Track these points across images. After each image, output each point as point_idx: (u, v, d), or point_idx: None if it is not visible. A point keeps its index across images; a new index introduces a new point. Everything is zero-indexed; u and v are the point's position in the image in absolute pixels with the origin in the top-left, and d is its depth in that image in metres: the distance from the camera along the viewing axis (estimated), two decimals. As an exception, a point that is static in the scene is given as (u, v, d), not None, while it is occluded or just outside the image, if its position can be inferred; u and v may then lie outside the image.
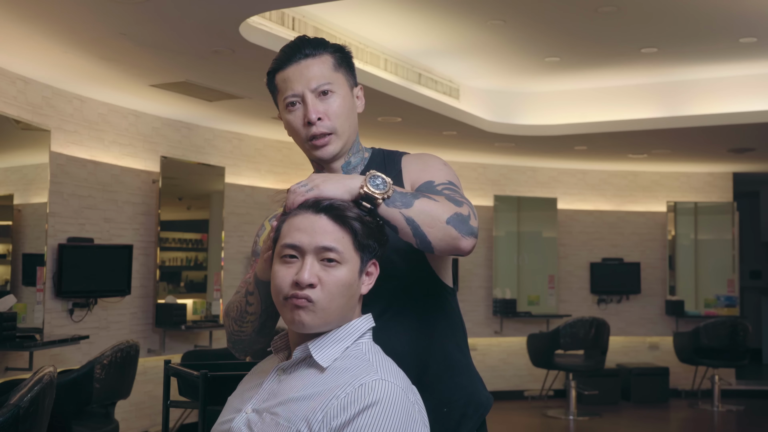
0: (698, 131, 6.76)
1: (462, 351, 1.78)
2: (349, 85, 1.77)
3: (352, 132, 1.77)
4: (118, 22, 4.06)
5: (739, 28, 5.21)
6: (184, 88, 5.35)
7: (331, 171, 1.77)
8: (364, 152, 1.82)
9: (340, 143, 1.74)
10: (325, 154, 1.74)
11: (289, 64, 1.77)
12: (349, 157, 1.78)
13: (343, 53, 1.78)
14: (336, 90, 1.73)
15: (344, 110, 1.74)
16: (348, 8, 4.84)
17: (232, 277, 6.86)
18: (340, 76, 1.75)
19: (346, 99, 1.75)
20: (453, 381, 1.73)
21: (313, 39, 1.78)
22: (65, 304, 5.39)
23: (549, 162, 8.57)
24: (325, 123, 1.72)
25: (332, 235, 1.37)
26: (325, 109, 1.72)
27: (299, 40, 1.78)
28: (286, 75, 1.77)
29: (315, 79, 1.73)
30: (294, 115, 1.75)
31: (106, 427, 4.48)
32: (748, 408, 8.07)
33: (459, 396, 1.72)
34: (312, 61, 1.75)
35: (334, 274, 1.36)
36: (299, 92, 1.73)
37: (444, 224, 1.50)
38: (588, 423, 7.29)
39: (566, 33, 5.32)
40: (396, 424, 1.28)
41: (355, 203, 1.45)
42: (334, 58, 1.76)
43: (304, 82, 1.73)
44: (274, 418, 1.35)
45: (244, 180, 7.00)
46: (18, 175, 5.15)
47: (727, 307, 8.73)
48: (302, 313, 1.36)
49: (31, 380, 3.20)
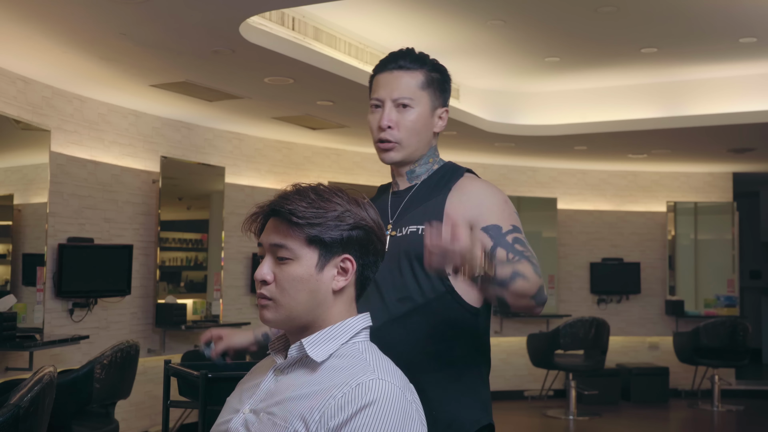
0: (698, 131, 6.76)
1: (468, 369, 1.84)
2: (431, 105, 1.91)
3: (420, 146, 1.91)
4: (118, 22, 4.06)
5: (739, 28, 5.21)
6: (184, 88, 5.35)
7: (399, 174, 1.96)
8: (435, 164, 1.96)
9: (402, 154, 1.91)
10: (386, 158, 1.93)
11: (384, 70, 1.93)
12: (414, 167, 1.94)
13: (441, 74, 1.93)
14: (415, 106, 1.88)
15: (416, 126, 1.89)
16: (348, 8, 4.84)
17: (232, 277, 6.86)
18: (425, 95, 1.90)
19: (421, 116, 1.89)
20: (449, 396, 1.80)
21: (415, 54, 1.94)
22: (65, 304, 5.39)
23: (549, 162, 8.57)
24: (393, 132, 1.89)
25: (281, 233, 1.40)
26: (398, 120, 1.89)
27: (401, 51, 1.95)
28: (378, 79, 1.93)
29: (398, 90, 1.89)
30: (373, 116, 1.93)
31: (106, 427, 4.48)
32: (748, 408, 8.07)
33: (445, 415, 1.78)
34: (403, 73, 1.90)
35: (286, 270, 1.40)
36: (382, 98, 1.90)
37: (529, 299, 1.67)
38: (588, 423, 7.29)
39: (566, 33, 5.32)
40: (394, 423, 1.29)
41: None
42: (426, 76, 1.91)
43: (388, 91, 1.90)
44: (271, 418, 1.35)
45: (244, 180, 7.01)
46: (18, 175, 5.15)
47: (727, 307, 8.73)
48: (264, 311, 1.42)
49: (31, 380, 3.20)
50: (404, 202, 1.92)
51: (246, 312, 6.92)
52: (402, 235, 1.86)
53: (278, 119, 6.37)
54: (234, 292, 6.87)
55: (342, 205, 1.42)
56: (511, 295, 1.65)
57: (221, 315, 6.58)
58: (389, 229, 1.89)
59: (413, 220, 1.86)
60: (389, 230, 1.89)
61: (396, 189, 1.98)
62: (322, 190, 1.43)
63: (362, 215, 1.43)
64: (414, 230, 1.84)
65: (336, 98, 5.66)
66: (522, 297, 1.66)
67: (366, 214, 1.44)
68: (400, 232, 1.87)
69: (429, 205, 1.86)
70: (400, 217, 1.90)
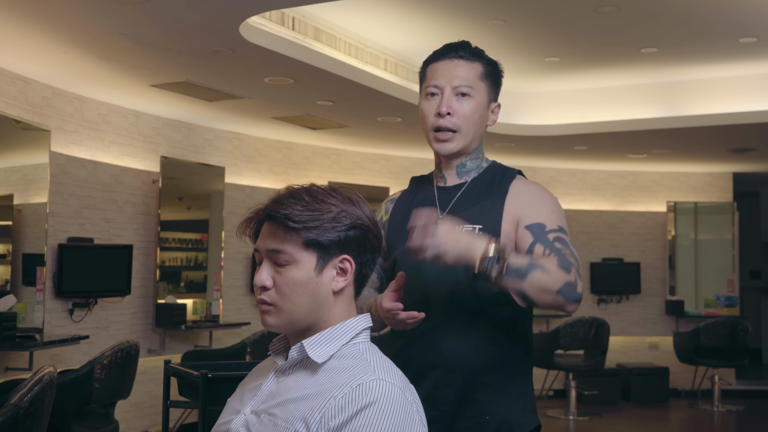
0: (698, 131, 6.76)
1: (519, 369, 1.84)
2: (488, 98, 1.92)
3: (475, 138, 1.91)
4: (118, 22, 4.06)
5: (739, 28, 5.21)
6: (184, 88, 5.35)
7: (449, 167, 1.92)
8: (483, 161, 1.95)
9: (461, 143, 1.89)
10: (444, 149, 1.89)
11: (442, 58, 1.92)
12: (465, 161, 1.92)
13: (495, 68, 1.94)
14: (474, 96, 1.89)
15: (475, 116, 1.89)
16: (348, 8, 4.84)
17: (232, 277, 6.86)
18: (483, 86, 1.90)
19: (480, 107, 1.89)
20: (502, 398, 1.80)
21: (472, 47, 1.94)
22: (65, 304, 5.39)
23: (549, 162, 8.57)
24: (452, 119, 1.87)
25: (278, 238, 1.39)
26: (457, 108, 1.87)
27: (460, 42, 1.94)
28: (436, 66, 1.91)
29: (459, 78, 1.88)
30: (429, 103, 1.90)
31: (106, 427, 4.48)
32: (748, 408, 8.07)
33: (497, 417, 1.79)
34: (463, 62, 1.90)
35: (286, 275, 1.39)
36: (441, 85, 1.88)
37: (554, 294, 1.65)
38: (588, 423, 7.29)
39: (566, 33, 5.32)
40: (394, 423, 1.28)
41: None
42: (484, 68, 1.92)
43: (448, 78, 1.88)
44: (272, 419, 1.35)
45: (244, 180, 7.01)
46: (18, 175, 5.15)
47: (727, 307, 8.73)
48: (266, 316, 1.41)
49: (31, 380, 3.20)
50: (456, 199, 1.89)
51: (246, 312, 6.92)
52: None
53: (278, 119, 6.37)
54: (234, 292, 6.87)
55: (337, 205, 1.41)
56: (529, 287, 1.64)
57: (221, 315, 6.58)
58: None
59: (469, 218, 1.83)
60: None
61: (442, 184, 1.94)
62: (315, 191, 1.42)
63: (358, 214, 1.43)
64: (470, 229, 1.80)
65: (336, 98, 5.66)
66: (543, 291, 1.65)
67: (361, 213, 1.43)
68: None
69: (485, 205, 1.85)
70: (451, 214, 1.86)
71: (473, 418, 1.79)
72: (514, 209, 1.82)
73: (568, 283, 1.66)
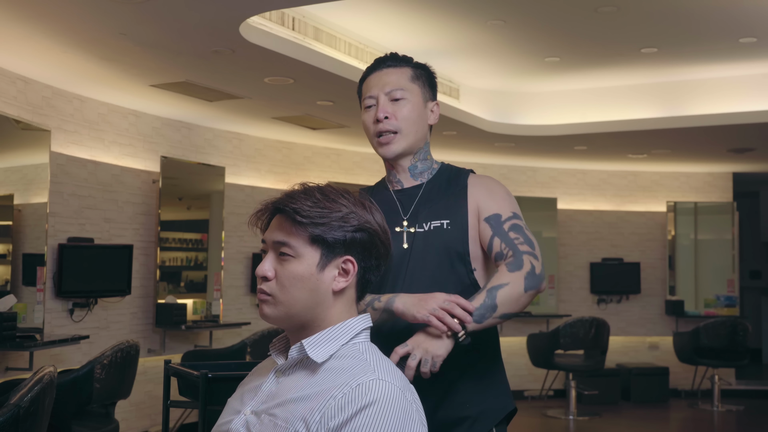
0: (698, 131, 6.76)
1: (493, 359, 1.96)
2: (423, 97, 2.00)
3: (419, 138, 1.98)
4: (118, 22, 4.06)
5: (739, 28, 5.21)
6: (184, 88, 5.35)
7: (401, 170, 2.01)
8: (433, 163, 2.03)
9: (403, 144, 1.96)
10: (388, 152, 1.97)
11: (372, 71, 2.02)
12: (415, 162, 2.00)
13: (424, 70, 2.04)
14: (408, 98, 1.97)
15: (413, 115, 1.97)
16: (348, 8, 4.84)
17: (232, 277, 6.86)
18: (415, 87, 1.99)
19: (416, 107, 1.98)
20: (480, 386, 1.90)
21: (399, 55, 2.04)
22: (65, 304, 5.39)
23: (549, 162, 8.57)
24: (391, 122, 1.95)
25: (285, 231, 1.41)
26: (393, 111, 1.96)
27: (387, 54, 2.05)
28: (369, 80, 2.01)
29: (390, 84, 1.97)
30: (368, 114, 1.99)
31: (106, 427, 4.48)
32: (748, 408, 8.07)
33: (479, 405, 1.89)
34: (391, 70, 2.00)
35: (287, 268, 1.40)
36: (375, 94, 1.98)
37: (524, 295, 1.78)
38: (588, 423, 7.29)
39: (566, 33, 5.32)
40: (393, 423, 1.29)
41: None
42: (413, 71, 2.01)
43: (380, 87, 1.98)
44: (272, 419, 1.35)
45: (244, 180, 7.01)
46: (18, 175, 5.15)
47: (727, 307, 8.73)
48: (264, 306, 1.43)
49: (31, 380, 3.20)
50: (418, 199, 1.97)
51: (246, 312, 6.92)
52: (425, 230, 1.92)
53: (278, 119, 6.37)
54: (234, 292, 6.87)
55: (347, 206, 1.42)
56: (506, 308, 1.77)
57: (221, 315, 6.58)
58: (405, 225, 1.95)
59: (435, 215, 1.93)
60: (405, 226, 1.95)
61: (399, 187, 2.02)
62: (328, 190, 1.43)
63: (367, 218, 1.43)
64: (438, 225, 1.92)
65: (336, 98, 5.66)
66: (515, 302, 1.78)
67: (371, 218, 1.44)
68: (420, 227, 1.93)
69: (449, 202, 1.94)
70: (416, 214, 1.96)
71: (454, 408, 1.87)
72: (474, 202, 1.93)
73: (527, 276, 1.79)
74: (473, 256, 1.90)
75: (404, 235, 1.94)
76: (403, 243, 1.92)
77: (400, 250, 1.92)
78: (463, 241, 1.90)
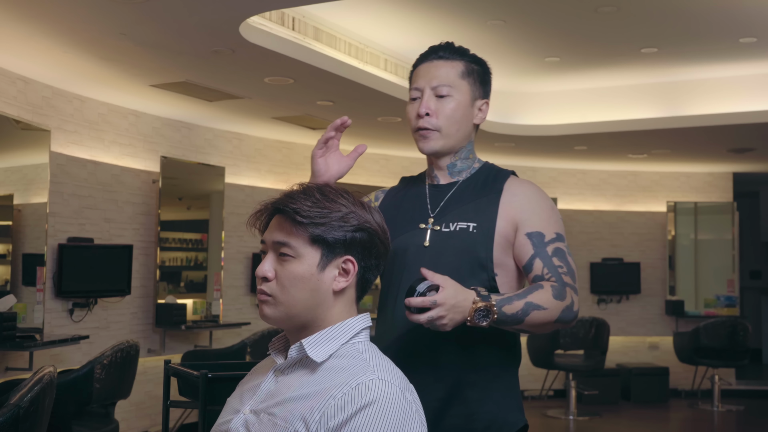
0: (698, 131, 6.76)
1: (504, 369, 1.86)
2: (471, 95, 1.91)
3: (461, 137, 1.90)
4: (118, 22, 4.06)
5: (739, 28, 5.21)
6: (184, 88, 5.35)
7: (439, 168, 1.93)
8: (474, 162, 1.95)
9: (442, 142, 1.88)
10: (425, 147, 1.90)
11: (423, 61, 1.93)
12: (455, 160, 1.93)
13: (480, 66, 1.94)
14: (454, 95, 1.88)
15: (456, 114, 1.88)
16: (348, 8, 4.84)
17: (232, 277, 6.86)
18: (464, 85, 1.90)
19: (461, 106, 1.89)
20: (488, 397, 1.81)
21: (454, 46, 1.94)
22: (65, 304, 5.39)
23: (549, 162, 8.57)
24: (431, 120, 1.87)
25: (285, 231, 1.41)
26: (437, 108, 1.87)
27: (442, 43, 1.94)
28: (418, 70, 1.93)
29: (437, 79, 1.88)
30: (411, 106, 1.92)
31: (106, 427, 4.48)
32: (748, 408, 8.07)
33: (485, 416, 1.80)
34: (442, 63, 1.90)
35: (288, 268, 1.40)
36: (421, 87, 1.90)
37: (552, 324, 1.73)
38: (588, 423, 7.29)
39: (566, 33, 5.32)
40: (393, 423, 1.29)
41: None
42: (465, 66, 1.91)
43: (428, 79, 1.89)
44: (272, 418, 1.35)
45: (244, 180, 7.00)
46: (18, 175, 5.15)
47: (727, 307, 8.73)
48: (264, 306, 1.42)
49: (31, 380, 3.20)
50: (447, 197, 1.90)
51: (246, 312, 6.92)
52: (449, 230, 1.84)
53: (278, 119, 6.37)
54: (234, 292, 6.87)
55: (347, 206, 1.42)
56: (528, 327, 1.71)
57: (221, 315, 6.58)
58: (431, 223, 1.88)
59: (462, 216, 1.85)
60: (430, 223, 1.87)
61: (435, 182, 1.95)
62: (328, 190, 1.44)
63: (366, 218, 1.44)
64: (464, 227, 1.83)
65: (336, 98, 5.66)
66: (542, 326, 1.72)
67: (371, 217, 1.45)
68: (445, 227, 1.85)
69: (480, 204, 1.86)
70: (443, 213, 1.88)
71: (460, 417, 1.80)
72: (511, 209, 1.83)
73: (564, 309, 1.73)
74: (497, 263, 1.81)
75: (427, 232, 1.86)
76: (425, 240, 1.85)
77: (419, 246, 1.85)
78: (487, 247, 1.81)
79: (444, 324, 1.62)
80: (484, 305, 1.63)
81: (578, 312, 1.76)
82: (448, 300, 1.61)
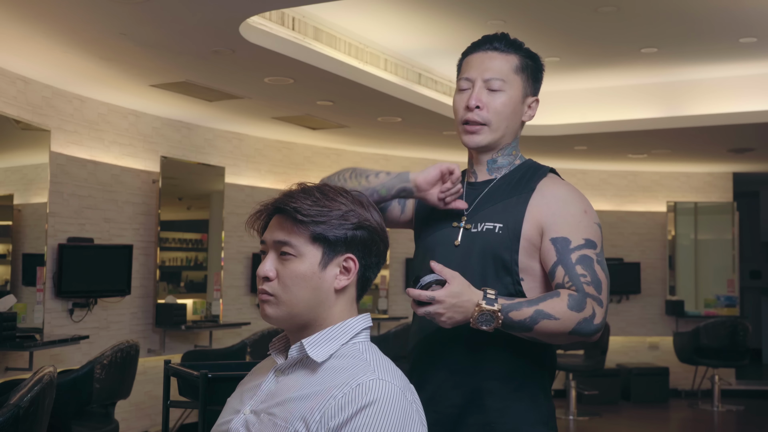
0: (698, 131, 6.76)
1: (530, 379, 1.77)
2: (523, 91, 1.84)
3: (508, 133, 1.83)
4: (118, 22, 4.06)
5: (739, 28, 5.21)
6: (184, 88, 5.35)
7: (479, 162, 1.86)
8: (515, 159, 1.88)
9: (489, 137, 1.81)
10: (470, 141, 1.82)
11: (477, 50, 1.85)
12: (497, 156, 1.85)
13: (534, 61, 1.87)
14: (506, 90, 1.81)
15: (506, 110, 1.81)
16: (348, 8, 4.84)
17: (232, 277, 6.86)
18: (517, 80, 1.82)
19: (512, 101, 1.81)
20: (509, 407, 1.74)
21: (510, 38, 1.86)
22: (65, 304, 5.39)
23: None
24: (481, 113, 1.80)
25: (286, 230, 1.41)
26: (487, 101, 1.80)
27: (495, 34, 1.86)
28: (471, 59, 1.86)
29: (490, 71, 1.81)
30: (460, 96, 1.84)
31: (106, 427, 4.48)
32: (748, 408, 8.07)
33: (504, 426, 1.73)
34: (497, 54, 1.83)
35: (289, 267, 1.40)
36: (473, 78, 1.82)
37: (567, 335, 1.62)
38: (588, 423, 7.29)
39: (566, 33, 5.32)
40: (394, 423, 1.29)
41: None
42: (520, 61, 1.84)
43: (480, 70, 1.82)
44: (272, 418, 1.35)
45: (244, 180, 7.01)
46: (18, 175, 5.15)
47: (727, 307, 8.73)
48: (266, 306, 1.42)
49: (31, 380, 3.20)
50: (481, 196, 1.83)
51: (246, 312, 6.92)
52: (477, 231, 1.78)
53: (278, 119, 6.37)
54: (234, 292, 6.87)
55: (346, 204, 1.43)
56: (538, 335, 1.63)
57: (221, 315, 6.58)
58: (463, 221, 1.81)
59: (490, 217, 1.78)
60: (463, 222, 1.81)
61: (473, 180, 1.88)
62: (327, 189, 1.44)
63: (366, 216, 1.44)
64: (490, 228, 1.76)
65: (336, 98, 5.66)
66: (554, 336, 1.63)
67: (370, 216, 1.45)
68: (475, 227, 1.79)
69: (510, 204, 1.78)
70: (475, 211, 1.81)
71: (477, 426, 1.73)
72: (538, 212, 1.74)
73: (581, 321, 1.62)
74: (522, 267, 1.73)
75: (459, 231, 1.80)
76: (456, 239, 1.79)
77: (450, 246, 1.78)
78: (511, 250, 1.72)
79: (442, 321, 1.60)
80: (488, 309, 1.60)
81: (601, 326, 1.63)
82: (448, 298, 1.59)
